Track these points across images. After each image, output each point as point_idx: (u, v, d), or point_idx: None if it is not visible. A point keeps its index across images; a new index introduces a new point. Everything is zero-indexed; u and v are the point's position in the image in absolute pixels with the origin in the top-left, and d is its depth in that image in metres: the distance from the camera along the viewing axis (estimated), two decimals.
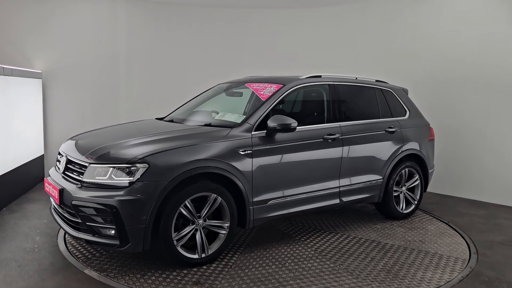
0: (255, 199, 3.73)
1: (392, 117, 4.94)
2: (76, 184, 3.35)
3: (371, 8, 6.96)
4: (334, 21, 7.34)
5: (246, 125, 3.78)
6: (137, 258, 3.66)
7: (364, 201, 4.71)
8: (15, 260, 3.60)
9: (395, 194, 4.90)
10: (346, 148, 4.35)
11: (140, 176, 3.17)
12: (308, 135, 4.11)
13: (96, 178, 3.25)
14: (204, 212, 3.45)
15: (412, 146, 4.95)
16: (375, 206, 5.03)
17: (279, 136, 3.88)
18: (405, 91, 5.33)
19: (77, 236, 3.34)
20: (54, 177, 3.69)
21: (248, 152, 3.66)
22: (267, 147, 3.80)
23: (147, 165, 3.20)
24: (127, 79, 7.35)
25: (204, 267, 3.51)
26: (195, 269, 3.45)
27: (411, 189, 5.10)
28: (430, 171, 5.25)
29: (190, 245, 3.47)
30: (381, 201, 4.79)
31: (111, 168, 3.22)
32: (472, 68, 5.98)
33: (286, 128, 3.74)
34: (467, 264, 3.76)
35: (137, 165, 3.19)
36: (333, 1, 7.11)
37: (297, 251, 3.95)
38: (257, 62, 7.63)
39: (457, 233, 4.55)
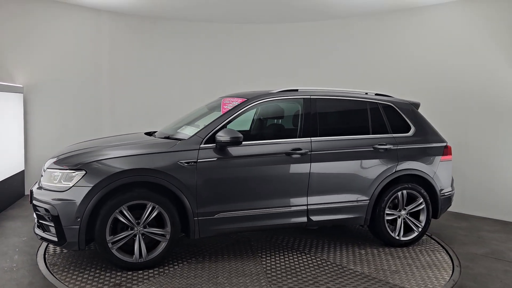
0: (200, 211, 3.79)
1: (389, 134, 4.52)
2: (39, 186, 3.81)
3: (355, 24, 7.11)
4: (320, 36, 7.47)
5: (195, 138, 3.89)
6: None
7: (345, 223, 4.43)
8: None
9: (390, 217, 4.45)
10: (315, 164, 4.13)
11: (78, 181, 3.54)
12: (268, 150, 4.03)
13: (53, 182, 3.66)
14: (143, 219, 3.65)
15: (413, 165, 4.49)
16: (370, 231, 4.64)
17: (234, 149, 3.90)
18: (415, 105, 4.85)
19: (35, 232, 3.82)
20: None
21: (192, 164, 3.75)
22: (214, 160, 3.84)
23: (85, 172, 3.56)
24: (111, 94, 7.31)
25: (140, 271, 3.67)
26: (129, 272, 3.65)
27: (416, 214, 4.59)
28: (443, 195, 4.68)
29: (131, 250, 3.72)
30: (369, 225, 4.44)
31: (61, 173, 3.64)
32: (452, 82, 6.12)
33: (234, 142, 3.79)
34: (451, 277, 3.79)
35: (76, 171, 3.57)
36: (316, 17, 7.23)
37: (244, 267, 3.89)
38: (243, 77, 7.68)
39: (446, 270, 3.94)
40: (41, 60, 6.62)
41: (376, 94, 4.74)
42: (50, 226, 3.58)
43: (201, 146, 3.83)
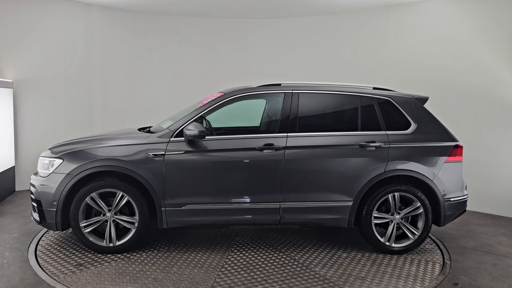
0: (167, 202, 3.94)
1: (381, 131, 4.17)
2: (35, 172, 4.20)
3: (348, 19, 7.12)
4: (311, 31, 7.47)
5: (166, 131, 4.03)
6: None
7: (324, 224, 4.18)
8: None
9: (379, 221, 4.16)
10: (290, 161, 3.99)
11: (56, 168, 3.92)
12: (239, 144, 4.02)
13: (43, 169, 4.04)
14: (113, 206, 3.92)
15: (407, 166, 4.10)
16: (360, 234, 4.35)
17: (204, 143, 3.97)
18: (419, 100, 4.37)
19: (31, 213, 4.19)
20: None
21: (160, 156, 3.90)
22: (182, 153, 3.93)
23: (62, 160, 3.92)
24: (103, 89, 7.25)
25: (109, 255, 3.95)
26: (99, 255, 3.95)
27: (415, 220, 4.22)
28: (447, 200, 4.20)
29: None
30: (358, 228, 4.20)
31: (48, 161, 4.01)
32: (443, 78, 6.16)
33: (198, 135, 3.88)
34: (441, 271, 3.83)
35: (56, 159, 3.94)
36: (309, 12, 7.22)
37: (206, 259, 3.93)
38: (238, 72, 7.66)
39: (424, 284, 3.52)
40: (32, 54, 6.54)
41: (374, 88, 4.40)
42: (35, 207, 4.02)
43: (171, 139, 3.97)
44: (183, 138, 3.95)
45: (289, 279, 3.57)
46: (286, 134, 4.07)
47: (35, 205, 4.01)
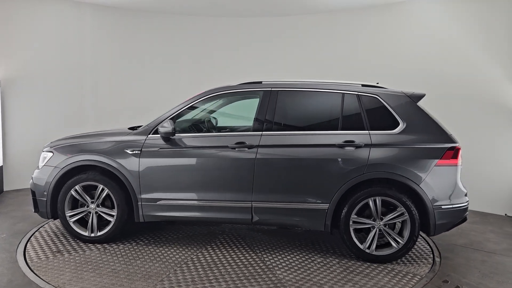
0: (143, 196, 4.08)
1: (364, 130, 3.89)
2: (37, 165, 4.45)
3: (341, 18, 7.14)
4: (305, 30, 7.48)
5: (145, 128, 4.19)
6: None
7: (299, 226, 4.00)
8: None
9: (359, 227, 3.89)
10: (262, 160, 3.90)
11: (47, 161, 4.25)
12: (212, 142, 4.06)
13: (42, 161, 4.32)
14: (95, 199, 4.15)
15: (389, 168, 3.78)
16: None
17: (182, 140, 4.08)
18: (413, 98, 4.00)
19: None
20: None
21: (136, 152, 4.07)
22: (157, 149, 4.07)
23: (52, 153, 4.24)
24: (93, 88, 7.19)
25: (89, 244, 4.18)
26: (81, 244, 4.19)
27: (403, 228, 3.89)
28: (437, 207, 3.79)
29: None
30: (330, 231, 3.95)
31: (46, 155, 4.31)
32: (437, 75, 6.21)
33: (172, 132, 3.99)
34: (431, 268, 3.86)
35: (48, 153, 4.28)
36: (303, 11, 7.23)
37: (175, 255, 3.98)
38: (228, 70, 7.64)
39: None
40: (20, 53, 6.46)
41: (363, 85, 4.11)
42: (32, 197, 4.34)
43: (148, 136, 4.12)
44: (158, 135, 4.08)
45: (242, 280, 3.48)
46: (260, 132, 3.99)
47: (31, 195, 4.33)
